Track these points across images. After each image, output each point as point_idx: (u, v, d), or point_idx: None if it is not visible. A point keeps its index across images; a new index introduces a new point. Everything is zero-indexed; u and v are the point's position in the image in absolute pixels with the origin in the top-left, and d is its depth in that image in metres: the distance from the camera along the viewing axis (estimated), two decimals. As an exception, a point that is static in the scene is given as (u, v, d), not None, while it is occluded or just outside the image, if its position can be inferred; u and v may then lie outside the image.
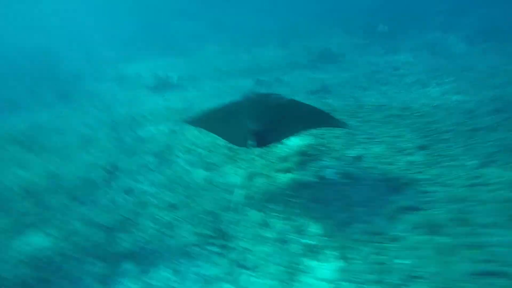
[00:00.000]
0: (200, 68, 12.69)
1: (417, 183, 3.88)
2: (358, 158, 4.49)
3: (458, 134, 4.96)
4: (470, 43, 15.04)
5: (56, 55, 16.80)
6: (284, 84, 9.64)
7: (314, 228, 3.47)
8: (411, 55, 13.98)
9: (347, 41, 16.68)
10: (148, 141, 5.27)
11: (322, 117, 3.81)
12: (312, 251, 3.17)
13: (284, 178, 4.19)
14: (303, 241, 3.33)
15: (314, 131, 5.10)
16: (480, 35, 15.82)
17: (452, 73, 9.83)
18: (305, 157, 4.58)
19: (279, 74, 10.84)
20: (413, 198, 3.65)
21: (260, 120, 3.55)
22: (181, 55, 15.76)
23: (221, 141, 5.04)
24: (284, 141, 5.05)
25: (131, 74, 12.13)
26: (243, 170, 4.34)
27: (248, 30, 19.64)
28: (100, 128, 6.13)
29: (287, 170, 4.33)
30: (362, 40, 16.18)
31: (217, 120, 3.90)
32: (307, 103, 4.08)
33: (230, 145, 4.84)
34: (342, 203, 3.69)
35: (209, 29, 20.11)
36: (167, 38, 17.54)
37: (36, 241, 3.57)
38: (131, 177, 4.44)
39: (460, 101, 6.61)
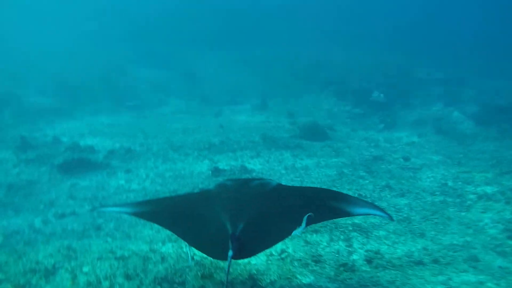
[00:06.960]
0: (146, 136, 9.58)
1: None
2: None
3: None
4: (479, 121, 12.77)
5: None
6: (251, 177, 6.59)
7: None
8: (415, 132, 11.56)
9: (337, 108, 14.18)
10: None
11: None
12: None
13: None
14: None
15: None
16: (487, 112, 13.72)
17: (485, 172, 7.19)
18: None
19: (248, 156, 7.87)
20: None
21: (240, 219, 2.61)
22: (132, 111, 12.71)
23: None
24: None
25: (48, 139, 8.87)
26: None
27: (223, 84, 17.01)
28: None
29: None
30: (354, 109, 13.68)
31: (179, 216, 2.79)
32: None
33: None
34: None
35: (177, 80, 17.37)
36: (120, 87, 14.36)
37: None
38: None
39: None
